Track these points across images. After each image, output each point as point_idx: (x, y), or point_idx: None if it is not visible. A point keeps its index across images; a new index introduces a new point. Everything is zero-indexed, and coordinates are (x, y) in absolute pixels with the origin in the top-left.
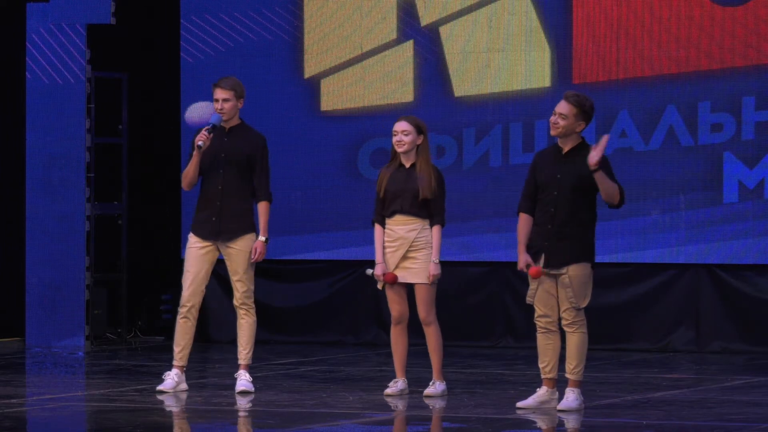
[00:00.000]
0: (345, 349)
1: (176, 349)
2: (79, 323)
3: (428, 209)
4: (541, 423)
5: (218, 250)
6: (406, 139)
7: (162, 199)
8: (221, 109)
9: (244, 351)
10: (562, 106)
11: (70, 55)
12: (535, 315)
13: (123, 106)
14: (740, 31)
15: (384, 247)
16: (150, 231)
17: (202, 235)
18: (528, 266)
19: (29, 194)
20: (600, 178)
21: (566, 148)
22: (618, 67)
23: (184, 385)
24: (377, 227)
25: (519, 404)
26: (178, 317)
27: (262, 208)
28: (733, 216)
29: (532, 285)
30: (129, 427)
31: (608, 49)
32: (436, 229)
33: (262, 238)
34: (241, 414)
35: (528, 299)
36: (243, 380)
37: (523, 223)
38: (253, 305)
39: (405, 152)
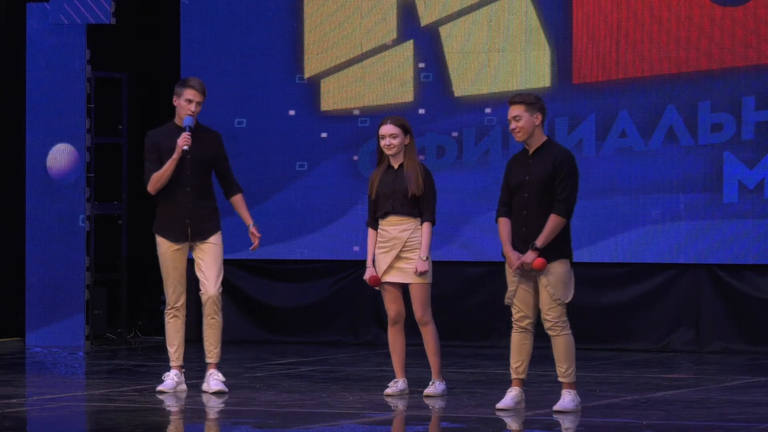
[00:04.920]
0: (345, 349)
1: (171, 349)
2: (79, 323)
3: (419, 208)
4: (541, 423)
5: (189, 250)
6: (395, 141)
7: None
8: (192, 112)
9: (215, 350)
10: (511, 110)
11: (70, 55)
12: (514, 316)
13: (123, 106)
14: (740, 31)
15: (376, 249)
16: (150, 231)
17: (175, 238)
18: (523, 263)
19: (29, 194)
20: (545, 243)
21: (532, 149)
22: (618, 67)
23: (183, 386)
24: (370, 231)
25: (499, 405)
26: (167, 317)
27: (241, 199)
28: (733, 216)
29: (511, 287)
30: (129, 427)
31: (608, 49)
32: (426, 226)
33: (253, 224)
34: (241, 414)
35: (507, 301)
36: (216, 380)
37: (504, 226)
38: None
39: (394, 154)
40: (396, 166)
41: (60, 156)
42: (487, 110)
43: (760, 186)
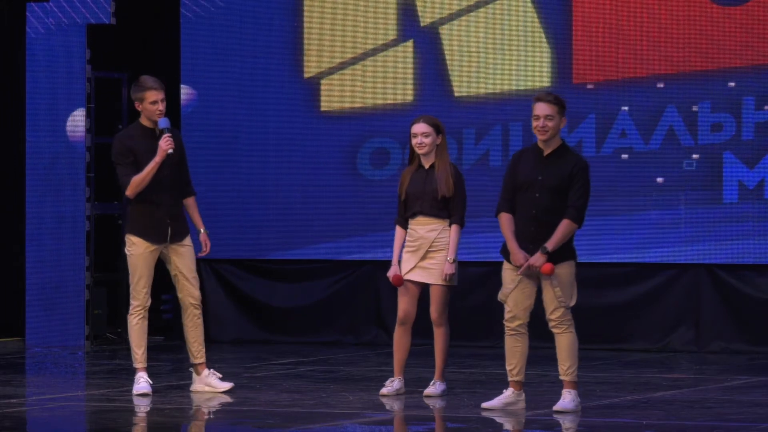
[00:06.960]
0: (345, 349)
1: (139, 351)
2: (79, 323)
3: (448, 209)
4: (541, 423)
5: (160, 252)
6: (427, 140)
7: None
8: (161, 111)
9: (203, 349)
10: (545, 108)
11: (70, 55)
12: (505, 317)
13: (123, 106)
14: (739, 31)
15: (403, 248)
16: None
17: (155, 239)
18: (530, 266)
19: (29, 194)
20: (555, 247)
21: (548, 150)
22: (617, 67)
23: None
24: (398, 229)
25: (484, 405)
26: (137, 318)
27: (194, 202)
28: (734, 216)
29: (509, 285)
30: (129, 427)
31: (608, 49)
32: (454, 228)
33: (205, 230)
34: (241, 414)
35: (500, 297)
36: (216, 377)
37: (508, 221)
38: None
39: (425, 154)
40: (427, 165)
41: (80, 121)
42: (487, 110)
43: (760, 186)
